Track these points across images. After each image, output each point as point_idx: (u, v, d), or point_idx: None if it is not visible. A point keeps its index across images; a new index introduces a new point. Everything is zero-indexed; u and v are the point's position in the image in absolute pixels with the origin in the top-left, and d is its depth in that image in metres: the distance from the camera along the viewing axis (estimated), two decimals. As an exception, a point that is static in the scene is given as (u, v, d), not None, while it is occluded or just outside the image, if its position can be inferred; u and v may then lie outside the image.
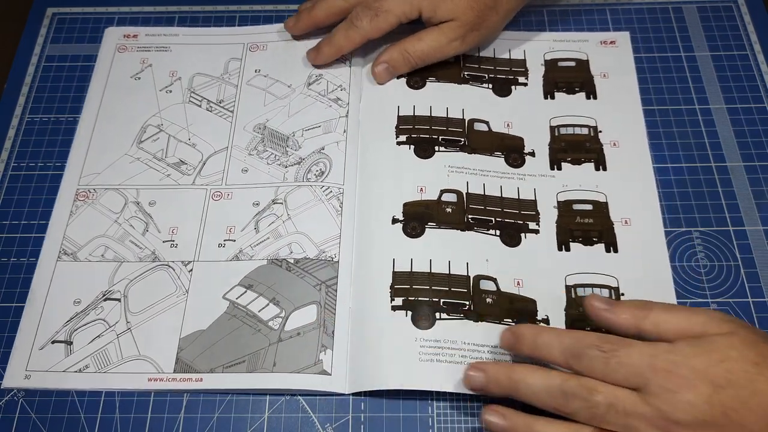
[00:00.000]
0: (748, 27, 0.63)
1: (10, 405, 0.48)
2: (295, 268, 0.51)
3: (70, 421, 0.47)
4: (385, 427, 0.47)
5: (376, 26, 0.55)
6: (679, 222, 0.54)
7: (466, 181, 0.55)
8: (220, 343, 0.49)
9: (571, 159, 0.56)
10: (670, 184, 0.56)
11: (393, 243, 0.52)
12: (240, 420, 0.47)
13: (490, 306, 0.50)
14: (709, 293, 0.51)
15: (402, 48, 0.56)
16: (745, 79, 0.61)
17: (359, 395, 0.48)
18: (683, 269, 0.52)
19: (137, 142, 0.57)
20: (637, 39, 0.63)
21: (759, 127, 0.58)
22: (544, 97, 0.60)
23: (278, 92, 0.60)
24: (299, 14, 0.60)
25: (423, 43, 0.56)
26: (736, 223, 0.54)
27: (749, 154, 0.57)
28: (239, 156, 0.57)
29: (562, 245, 0.53)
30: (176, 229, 0.53)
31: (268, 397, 0.48)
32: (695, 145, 0.57)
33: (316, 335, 0.49)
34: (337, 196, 0.54)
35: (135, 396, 0.48)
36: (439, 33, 0.55)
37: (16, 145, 0.58)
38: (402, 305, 0.50)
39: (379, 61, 0.58)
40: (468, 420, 0.47)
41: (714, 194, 0.55)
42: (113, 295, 0.51)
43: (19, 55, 0.63)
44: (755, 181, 0.56)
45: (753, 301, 0.51)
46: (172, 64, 0.61)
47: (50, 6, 0.66)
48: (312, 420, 0.47)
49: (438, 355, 0.48)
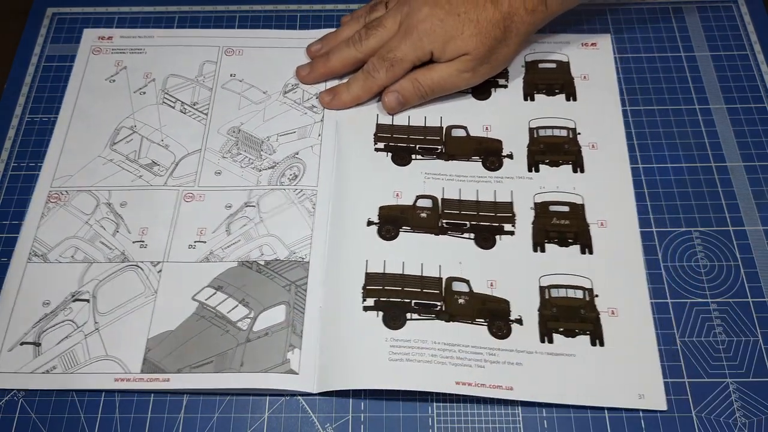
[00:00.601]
0: (748, 27, 0.64)
1: (10, 405, 0.47)
2: (266, 270, 0.51)
3: (70, 421, 0.47)
4: (385, 427, 0.47)
5: (393, 75, 0.56)
6: (679, 222, 0.54)
7: (442, 187, 0.55)
8: (189, 343, 0.48)
9: (549, 161, 0.56)
10: (670, 184, 0.56)
11: (367, 245, 0.52)
12: (240, 420, 0.47)
13: (462, 306, 0.50)
14: (709, 293, 0.51)
15: (413, 78, 0.57)
16: (745, 79, 0.61)
17: (359, 394, 0.47)
18: (683, 269, 0.52)
19: (110, 143, 0.57)
20: (637, 39, 0.63)
21: (759, 127, 0.58)
22: (524, 98, 0.60)
23: (254, 97, 0.60)
24: (314, 63, 0.60)
25: (434, 74, 0.56)
26: (736, 223, 0.54)
27: (749, 154, 0.57)
28: (212, 158, 0.57)
29: (537, 246, 0.53)
30: (146, 230, 0.53)
31: (268, 397, 0.47)
32: (695, 145, 0.57)
33: (284, 335, 0.48)
34: (310, 198, 0.54)
35: (135, 396, 0.47)
36: (449, 66, 0.56)
37: (16, 144, 0.58)
38: (374, 306, 0.50)
39: (389, 91, 0.58)
40: (468, 420, 0.47)
41: (714, 194, 0.55)
42: (82, 296, 0.50)
43: (19, 55, 0.63)
44: (755, 181, 0.56)
45: (753, 301, 0.50)
46: (147, 65, 0.61)
47: (50, 6, 0.66)
48: (312, 420, 0.47)
49: (408, 354, 0.48)
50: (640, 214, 0.54)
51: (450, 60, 0.55)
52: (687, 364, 0.48)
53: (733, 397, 0.47)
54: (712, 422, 0.46)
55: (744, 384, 0.48)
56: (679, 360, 0.49)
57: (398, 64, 0.56)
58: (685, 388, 0.48)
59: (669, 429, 0.46)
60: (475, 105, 0.59)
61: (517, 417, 0.47)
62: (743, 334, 0.49)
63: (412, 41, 0.55)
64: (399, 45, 0.55)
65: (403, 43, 0.55)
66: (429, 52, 0.55)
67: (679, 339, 0.49)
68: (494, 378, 0.47)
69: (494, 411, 0.47)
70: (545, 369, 0.48)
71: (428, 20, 0.54)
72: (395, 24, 0.56)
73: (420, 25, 0.54)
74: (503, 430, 0.46)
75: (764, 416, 0.47)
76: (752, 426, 0.46)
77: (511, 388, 0.47)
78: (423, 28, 0.54)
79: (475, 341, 0.48)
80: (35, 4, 0.66)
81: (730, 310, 0.50)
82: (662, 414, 0.47)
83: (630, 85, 0.61)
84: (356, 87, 0.58)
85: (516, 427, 0.46)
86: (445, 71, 0.56)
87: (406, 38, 0.55)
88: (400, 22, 0.56)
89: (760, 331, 0.49)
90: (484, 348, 0.48)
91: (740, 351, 0.49)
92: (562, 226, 0.53)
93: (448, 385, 0.46)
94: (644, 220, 0.54)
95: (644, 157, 0.57)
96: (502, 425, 0.46)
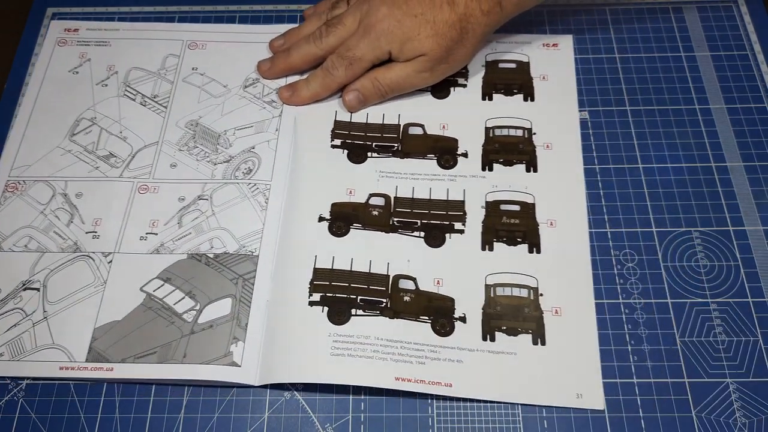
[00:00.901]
0: (748, 27, 0.63)
1: (10, 405, 0.48)
2: (214, 263, 0.52)
3: (70, 421, 0.47)
4: (385, 427, 0.47)
5: (351, 73, 0.57)
6: (679, 222, 0.54)
7: (395, 186, 0.55)
8: (134, 333, 0.49)
9: (504, 160, 0.56)
10: (670, 184, 0.56)
11: (317, 241, 0.53)
12: (240, 420, 0.47)
13: (407, 304, 0.50)
14: (709, 293, 0.51)
15: (373, 77, 0.57)
16: (745, 79, 0.61)
17: (359, 394, 0.48)
18: (683, 269, 0.52)
19: (70, 134, 0.58)
20: (637, 39, 0.63)
21: (759, 127, 0.58)
22: (483, 98, 0.60)
23: (213, 91, 0.60)
24: (275, 58, 0.61)
25: (392, 73, 0.57)
26: (736, 223, 0.54)
27: (749, 154, 0.57)
28: (169, 151, 0.57)
29: (486, 245, 0.53)
30: (100, 221, 0.54)
31: (268, 397, 0.48)
32: (695, 145, 0.57)
33: (228, 328, 0.49)
34: (263, 192, 0.55)
35: (135, 396, 0.48)
36: (407, 65, 0.56)
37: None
38: (319, 301, 0.50)
39: (349, 89, 0.58)
40: (468, 420, 0.47)
41: (714, 194, 0.55)
42: (33, 285, 0.51)
43: (19, 55, 0.63)
44: (755, 181, 0.56)
45: (753, 301, 0.50)
46: (111, 58, 0.62)
47: (50, 6, 0.66)
48: (312, 420, 0.47)
49: (350, 350, 0.48)
50: (641, 214, 0.54)
51: (408, 60, 0.56)
52: (687, 364, 0.48)
53: (733, 397, 0.47)
54: (712, 422, 0.46)
55: (744, 384, 0.48)
56: (679, 360, 0.49)
57: (357, 63, 0.56)
58: (685, 388, 0.48)
59: (669, 429, 0.46)
60: (434, 103, 0.60)
61: (517, 417, 0.47)
62: (743, 334, 0.49)
63: (370, 40, 0.55)
64: (358, 44, 0.56)
65: (361, 42, 0.56)
66: (387, 52, 0.56)
67: (679, 339, 0.49)
68: (434, 375, 0.47)
69: (494, 411, 0.47)
70: (485, 367, 0.48)
71: (386, 20, 0.55)
72: (355, 22, 0.57)
73: (378, 24, 0.55)
74: (503, 430, 0.46)
75: (764, 416, 0.47)
76: (752, 426, 0.46)
77: (451, 384, 0.47)
78: (381, 28, 0.55)
79: (417, 338, 0.49)
80: (35, 4, 0.66)
81: (730, 310, 0.50)
82: (662, 414, 0.47)
83: (603, 86, 0.61)
84: (315, 84, 0.58)
85: (516, 427, 0.47)
86: (403, 71, 0.56)
87: (365, 37, 0.55)
88: (359, 20, 0.56)
89: (760, 331, 0.49)
90: (426, 345, 0.49)
91: (740, 351, 0.49)
92: (511, 225, 0.53)
93: (387, 381, 0.47)
94: (644, 220, 0.54)
95: (644, 157, 0.57)
96: (502, 425, 0.47)
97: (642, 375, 0.48)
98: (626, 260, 0.53)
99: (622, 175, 0.56)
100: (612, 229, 0.54)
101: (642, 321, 0.50)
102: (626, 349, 0.49)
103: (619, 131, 0.59)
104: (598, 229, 0.54)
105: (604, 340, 0.49)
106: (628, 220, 0.54)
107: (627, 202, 0.55)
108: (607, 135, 0.58)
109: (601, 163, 0.57)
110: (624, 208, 0.55)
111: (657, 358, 0.49)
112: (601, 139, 0.58)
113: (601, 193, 0.55)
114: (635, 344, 0.49)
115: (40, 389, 0.48)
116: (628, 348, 0.49)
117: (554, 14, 0.65)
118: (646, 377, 0.48)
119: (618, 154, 0.57)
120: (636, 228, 0.54)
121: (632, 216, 0.54)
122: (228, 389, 0.48)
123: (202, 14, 0.65)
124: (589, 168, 0.57)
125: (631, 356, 0.49)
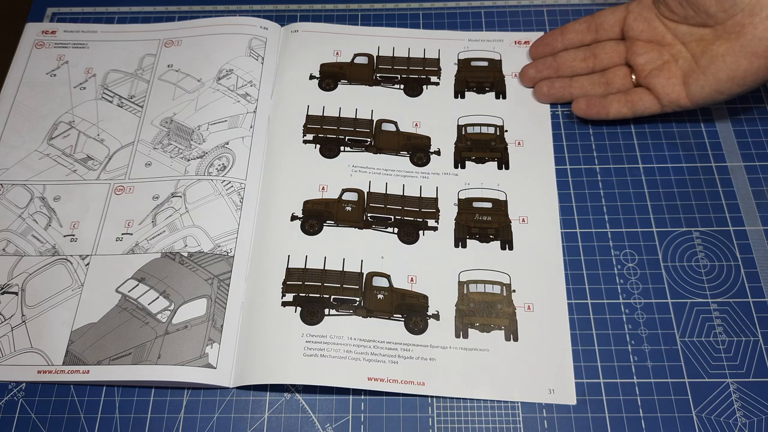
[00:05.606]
0: None
1: (10, 405, 0.48)
2: (189, 262, 0.52)
3: (70, 421, 0.48)
4: (385, 427, 0.47)
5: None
6: (679, 222, 0.54)
7: (368, 181, 0.55)
8: (109, 335, 0.49)
9: (476, 158, 0.56)
10: (670, 184, 0.55)
11: (289, 240, 0.53)
12: (240, 420, 0.48)
13: (381, 302, 0.50)
14: (709, 293, 0.51)
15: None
16: None
17: (359, 394, 0.48)
18: (683, 269, 0.52)
19: (48, 138, 0.58)
20: None
21: (759, 127, 0.58)
22: (455, 96, 0.60)
23: (188, 86, 0.60)
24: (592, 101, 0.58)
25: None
26: (736, 223, 0.53)
27: (749, 154, 0.56)
28: (144, 150, 0.57)
29: (459, 242, 0.52)
30: (78, 224, 0.54)
31: (268, 397, 0.48)
32: (695, 145, 0.57)
33: (203, 329, 0.49)
34: (238, 191, 0.54)
35: (135, 396, 0.48)
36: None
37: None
38: (292, 301, 0.50)
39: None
40: (468, 420, 0.47)
41: (714, 194, 0.55)
42: (11, 289, 0.52)
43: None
44: (755, 181, 0.55)
45: (753, 301, 0.50)
46: (89, 60, 0.62)
47: (50, 6, 0.67)
48: (312, 420, 0.47)
49: (323, 350, 0.48)
50: (641, 214, 0.54)
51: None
52: (687, 364, 0.48)
53: (733, 397, 0.47)
54: (712, 422, 0.46)
55: (744, 384, 0.47)
56: (680, 360, 0.48)
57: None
58: (685, 388, 0.47)
59: (669, 429, 0.46)
60: (407, 101, 0.59)
61: (517, 417, 0.47)
62: (743, 334, 0.49)
63: None
64: None
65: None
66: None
67: (680, 339, 0.49)
68: (407, 374, 0.47)
69: (494, 411, 0.47)
70: (458, 364, 0.48)
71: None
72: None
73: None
74: (503, 430, 0.47)
75: (764, 416, 0.46)
76: (752, 426, 0.46)
77: (424, 383, 0.47)
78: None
79: (390, 337, 0.49)
80: (35, 4, 0.67)
81: (731, 310, 0.50)
82: (662, 414, 0.46)
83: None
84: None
85: (516, 427, 0.47)
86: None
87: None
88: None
89: (760, 331, 0.49)
90: (398, 344, 0.48)
91: (740, 351, 0.48)
92: (484, 222, 0.53)
93: (359, 382, 0.47)
94: (644, 220, 0.54)
95: (644, 157, 0.56)
96: (502, 425, 0.47)
97: (642, 375, 0.48)
98: (626, 260, 0.52)
99: (622, 175, 0.56)
100: (612, 229, 0.53)
101: (642, 321, 0.50)
102: (626, 349, 0.49)
103: (619, 131, 0.58)
104: (598, 229, 0.53)
105: (604, 340, 0.49)
106: (628, 220, 0.54)
107: (627, 202, 0.55)
108: (607, 135, 0.58)
109: (601, 163, 0.56)
110: (624, 208, 0.54)
111: (657, 358, 0.48)
112: (601, 138, 0.58)
113: (601, 193, 0.55)
114: (635, 344, 0.49)
115: (40, 389, 0.49)
116: (629, 348, 0.49)
117: (553, 13, 0.64)
118: (647, 377, 0.48)
119: (618, 154, 0.57)
120: (636, 228, 0.53)
121: (632, 216, 0.54)
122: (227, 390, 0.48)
123: (202, 14, 0.65)
124: (589, 168, 0.56)
125: (632, 356, 0.49)
